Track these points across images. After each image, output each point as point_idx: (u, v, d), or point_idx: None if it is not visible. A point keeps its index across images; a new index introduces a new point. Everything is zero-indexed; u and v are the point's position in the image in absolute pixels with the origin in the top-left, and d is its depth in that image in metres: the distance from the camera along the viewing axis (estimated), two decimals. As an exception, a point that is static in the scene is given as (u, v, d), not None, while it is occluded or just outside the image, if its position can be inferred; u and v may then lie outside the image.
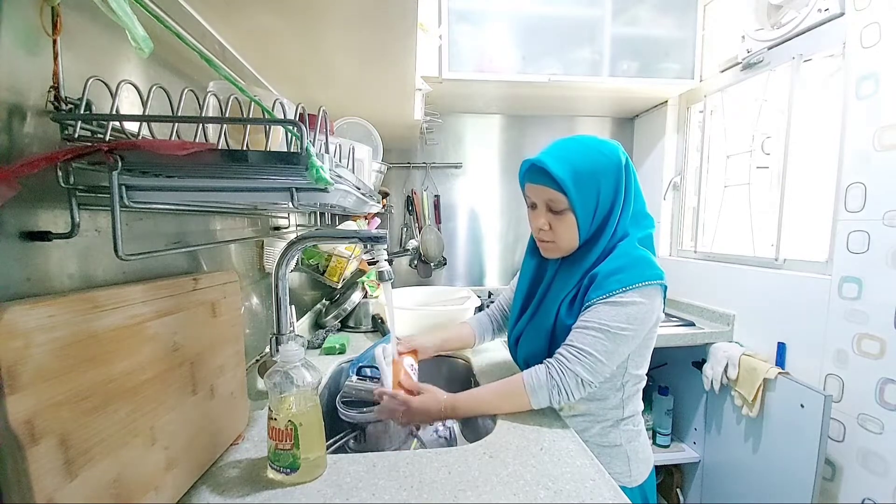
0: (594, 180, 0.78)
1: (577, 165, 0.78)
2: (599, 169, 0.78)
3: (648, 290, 0.77)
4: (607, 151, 0.80)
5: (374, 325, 1.52)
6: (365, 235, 0.75)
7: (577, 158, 0.78)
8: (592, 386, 0.77)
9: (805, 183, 1.38)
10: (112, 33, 0.54)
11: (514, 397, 0.80)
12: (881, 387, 1.09)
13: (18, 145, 0.42)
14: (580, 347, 0.76)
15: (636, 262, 0.79)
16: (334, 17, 0.75)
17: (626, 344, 0.78)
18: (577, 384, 0.76)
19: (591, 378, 0.76)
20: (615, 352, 0.77)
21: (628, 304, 0.76)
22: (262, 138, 0.57)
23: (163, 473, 0.52)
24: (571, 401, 0.77)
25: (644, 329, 0.79)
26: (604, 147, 0.81)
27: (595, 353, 0.75)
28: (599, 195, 0.79)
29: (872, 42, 1.12)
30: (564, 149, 0.81)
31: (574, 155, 0.79)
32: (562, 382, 0.76)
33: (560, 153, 0.80)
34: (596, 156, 0.79)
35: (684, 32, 1.70)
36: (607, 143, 0.82)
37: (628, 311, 0.76)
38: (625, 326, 0.76)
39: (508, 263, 2.20)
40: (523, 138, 2.13)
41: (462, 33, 1.60)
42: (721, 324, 1.60)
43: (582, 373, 0.75)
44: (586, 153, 0.79)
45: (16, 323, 0.36)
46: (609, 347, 0.76)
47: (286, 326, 0.78)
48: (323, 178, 0.44)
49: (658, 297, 0.80)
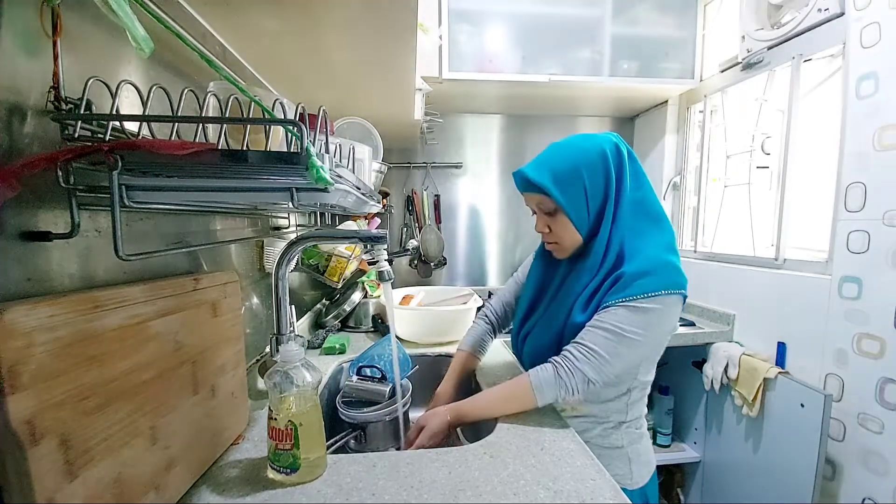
0: (576, 175, 0.78)
1: (555, 165, 0.79)
2: (580, 163, 0.79)
3: (670, 299, 0.76)
4: (589, 144, 0.80)
5: (374, 325, 1.52)
6: (365, 235, 0.75)
7: (556, 159, 0.80)
8: (597, 386, 0.76)
9: (805, 183, 1.38)
10: (112, 34, 0.54)
11: (521, 399, 0.79)
12: (881, 386, 1.09)
13: (18, 145, 0.42)
14: (590, 347, 0.75)
15: (663, 267, 0.77)
16: (334, 17, 0.75)
17: (637, 350, 0.76)
18: (584, 383, 0.75)
19: (598, 378, 0.75)
20: (624, 356, 0.75)
21: (648, 311, 0.74)
22: (262, 138, 0.57)
23: (163, 473, 0.52)
24: (576, 397, 0.77)
25: (657, 337, 0.79)
26: (587, 141, 0.81)
27: (605, 353, 0.74)
28: (586, 188, 0.79)
29: (872, 42, 1.12)
30: (546, 153, 0.83)
31: (553, 157, 0.81)
32: (569, 382, 0.75)
33: (540, 158, 0.82)
34: (576, 152, 0.80)
35: (684, 32, 1.70)
36: (594, 136, 0.82)
37: (647, 318, 0.74)
38: (639, 332, 0.74)
39: (508, 263, 2.20)
40: (523, 138, 2.13)
41: (462, 33, 1.60)
42: (721, 324, 1.60)
43: (589, 372, 0.74)
44: (566, 152, 0.81)
45: (16, 323, 0.36)
46: (619, 350, 0.74)
47: (286, 326, 0.78)
48: (323, 178, 0.44)
49: (678, 306, 0.78)
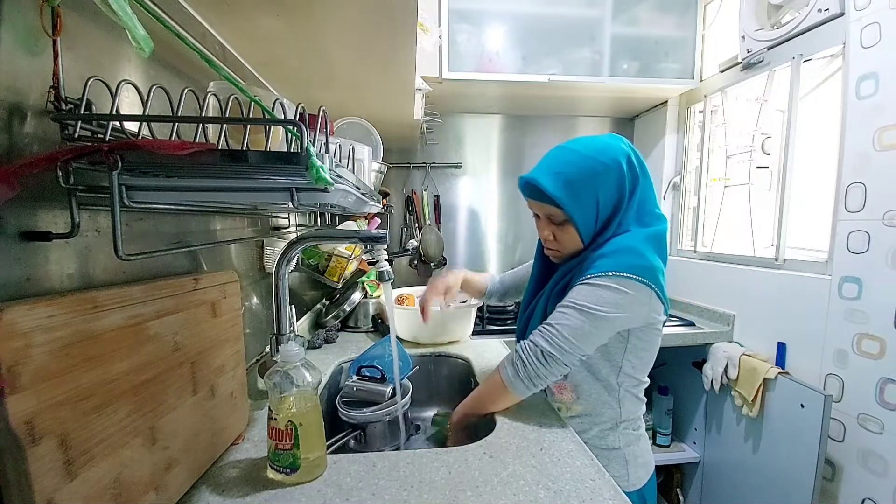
0: (590, 187, 0.76)
1: (570, 177, 0.76)
2: (596, 174, 0.76)
3: (629, 283, 0.73)
4: (605, 152, 0.77)
5: (374, 325, 1.53)
6: (365, 235, 0.75)
7: (571, 169, 0.77)
8: (558, 363, 0.74)
9: (805, 183, 1.38)
10: (112, 33, 0.54)
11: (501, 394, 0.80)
12: (881, 387, 1.09)
13: (18, 145, 0.42)
14: (546, 323, 0.76)
15: (620, 251, 0.76)
16: (334, 17, 0.75)
17: (597, 324, 0.73)
18: (539, 357, 0.74)
19: (553, 351, 0.73)
20: (582, 329, 0.73)
21: (602, 288, 0.74)
22: (262, 138, 0.57)
23: (163, 473, 0.52)
24: (543, 378, 0.75)
25: (623, 317, 0.75)
26: (601, 148, 0.78)
27: (558, 325, 0.74)
28: (599, 200, 0.77)
29: (872, 42, 1.12)
30: (557, 159, 0.79)
31: (567, 166, 0.77)
32: (523, 354, 0.75)
33: (553, 165, 0.79)
34: (591, 162, 0.77)
35: (684, 32, 1.70)
36: (606, 141, 0.80)
37: (601, 293, 0.74)
38: (595, 306, 0.73)
39: (508, 263, 2.20)
40: (523, 138, 2.13)
41: (462, 33, 1.60)
42: (721, 324, 1.60)
43: (542, 344, 0.74)
44: (581, 161, 0.77)
45: (16, 323, 0.36)
46: (575, 323, 0.73)
47: (286, 326, 0.78)
48: (323, 178, 0.44)
49: (643, 292, 0.75)
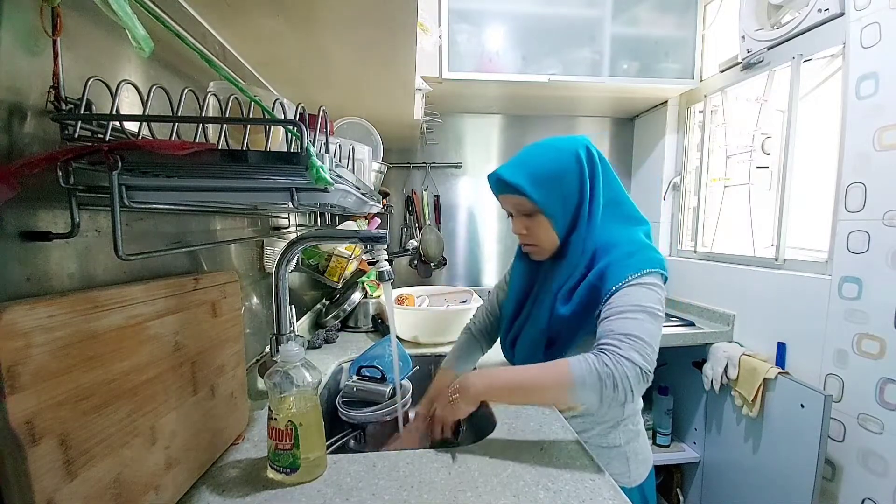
0: (552, 177, 0.79)
1: (532, 166, 0.80)
2: (556, 165, 0.79)
3: (660, 278, 0.74)
4: (562, 145, 0.81)
5: (374, 325, 1.53)
6: (365, 235, 0.75)
7: (532, 160, 0.81)
8: (649, 377, 0.63)
9: (805, 183, 1.38)
10: (112, 33, 0.54)
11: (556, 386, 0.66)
12: (881, 387, 1.09)
13: (18, 145, 0.42)
14: (627, 332, 0.64)
15: (644, 247, 0.78)
16: (334, 17, 0.75)
17: (660, 324, 0.69)
18: (637, 375, 0.62)
19: (648, 365, 0.63)
20: (655, 334, 0.66)
21: (653, 286, 0.71)
22: (262, 138, 0.57)
23: (163, 473, 0.52)
24: (628, 398, 0.62)
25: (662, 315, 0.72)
26: (560, 143, 0.82)
27: (644, 336, 0.64)
28: (563, 188, 0.79)
29: (872, 42, 1.12)
30: (521, 155, 0.83)
31: (529, 158, 0.81)
32: (617, 372, 0.61)
33: (516, 160, 0.83)
34: (551, 152, 0.81)
35: (684, 32, 1.70)
36: (566, 138, 0.83)
37: (654, 292, 0.71)
38: (656, 307, 0.68)
39: (508, 263, 2.16)
40: (523, 138, 2.12)
41: (462, 33, 1.60)
42: (721, 324, 1.60)
43: (638, 359, 0.62)
44: (541, 153, 0.81)
45: (16, 323, 0.36)
46: (652, 330, 0.66)
47: (286, 326, 0.78)
48: (323, 178, 0.44)
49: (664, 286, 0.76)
